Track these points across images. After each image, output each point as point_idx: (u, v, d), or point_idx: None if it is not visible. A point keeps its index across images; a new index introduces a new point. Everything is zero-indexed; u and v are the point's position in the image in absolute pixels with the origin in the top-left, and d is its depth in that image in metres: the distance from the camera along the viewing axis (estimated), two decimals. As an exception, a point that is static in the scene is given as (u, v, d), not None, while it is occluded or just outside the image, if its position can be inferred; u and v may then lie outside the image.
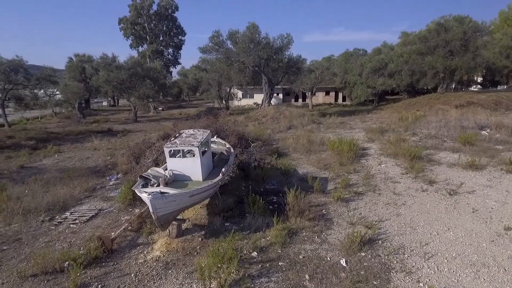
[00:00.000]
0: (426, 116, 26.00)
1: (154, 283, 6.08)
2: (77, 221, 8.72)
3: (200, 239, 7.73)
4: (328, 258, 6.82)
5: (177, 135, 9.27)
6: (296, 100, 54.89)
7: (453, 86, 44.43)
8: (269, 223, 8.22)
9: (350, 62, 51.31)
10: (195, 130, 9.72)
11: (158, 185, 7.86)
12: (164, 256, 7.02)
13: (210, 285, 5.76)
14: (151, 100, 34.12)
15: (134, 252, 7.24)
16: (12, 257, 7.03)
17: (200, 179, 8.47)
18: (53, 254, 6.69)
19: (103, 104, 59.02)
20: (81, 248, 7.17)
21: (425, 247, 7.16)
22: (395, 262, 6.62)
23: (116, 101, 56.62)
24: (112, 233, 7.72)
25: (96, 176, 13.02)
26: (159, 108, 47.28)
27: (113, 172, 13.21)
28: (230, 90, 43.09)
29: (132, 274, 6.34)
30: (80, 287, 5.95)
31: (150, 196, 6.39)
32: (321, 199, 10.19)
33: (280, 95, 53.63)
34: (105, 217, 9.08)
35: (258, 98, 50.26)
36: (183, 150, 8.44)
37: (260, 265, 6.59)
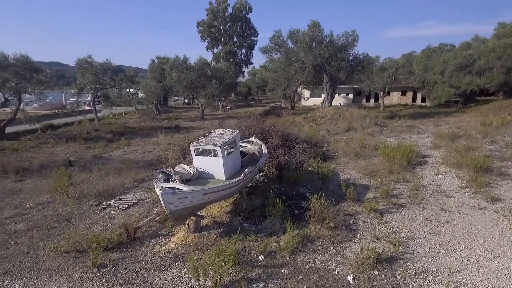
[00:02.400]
0: (517, 121, 22.16)
1: (159, 273, 6.48)
2: (117, 208, 9.73)
3: (215, 236, 7.94)
4: (336, 272, 6.39)
5: (207, 134, 9.64)
6: (368, 100, 51.82)
7: None
8: (286, 228, 8.02)
9: (432, 59, 46.38)
10: (225, 130, 9.97)
11: (187, 181, 8.34)
12: (177, 248, 7.41)
13: (205, 282, 5.91)
14: (217, 99, 35.80)
15: (153, 241, 7.80)
16: (58, 234, 8.20)
17: (223, 178, 8.67)
18: (85, 235, 7.60)
19: (180, 102, 63.96)
20: (109, 233, 7.99)
21: (455, 274, 6.19)
22: (410, 287, 5.89)
23: (191, 99, 60.80)
24: (139, 222, 8.44)
25: (149, 169, 14.29)
26: (228, 107, 49.36)
27: (163, 166, 14.32)
28: (296, 90, 42.79)
29: (143, 262, 6.86)
30: (98, 266, 6.66)
31: (162, 191, 6.81)
32: (354, 208, 9.54)
33: (350, 95, 51.29)
34: (141, 207, 9.95)
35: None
36: (207, 149, 8.75)
37: (262, 270, 6.51)
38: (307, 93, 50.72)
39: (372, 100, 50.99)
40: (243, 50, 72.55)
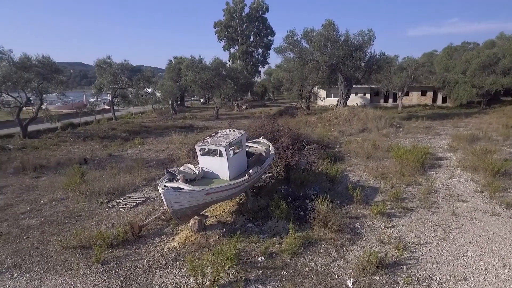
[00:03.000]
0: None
1: (159, 271, 6.58)
2: (126, 206, 9.94)
3: (217, 236, 7.99)
4: (336, 276, 6.29)
5: (213, 134, 9.70)
6: (386, 100, 50.72)
7: None
8: (289, 230, 7.96)
9: (454, 58, 44.88)
10: (231, 130, 9.99)
11: (191, 180, 8.44)
12: (179, 247, 7.50)
13: (203, 282, 5.95)
14: (232, 99, 35.95)
15: (157, 240, 7.92)
16: (67, 230, 8.45)
17: (228, 178, 8.70)
18: (92, 232, 7.81)
19: (196, 102, 64.64)
20: (115, 231, 8.16)
21: (460, 282, 5.97)
22: (412, 293, 5.72)
23: (207, 99, 61.35)
24: (144, 220, 8.59)
25: (160, 168, 14.51)
26: (243, 107, 49.50)
27: (174, 165, 14.52)
28: (311, 90, 42.39)
29: (146, 260, 6.97)
30: (102, 263, 6.83)
31: (164, 190, 6.91)
32: (361, 210, 9.37)
33: (368, 95, 50.40)
34: (149, 205, 10.12)
35: (343, 98, 48.25)
36: (212, 149, 8.80)
37: (261, 271, 6.49)
38: (323, 93, 50.17)
39: (390, 101, 49.88)
40: (260, 50, 72.55)
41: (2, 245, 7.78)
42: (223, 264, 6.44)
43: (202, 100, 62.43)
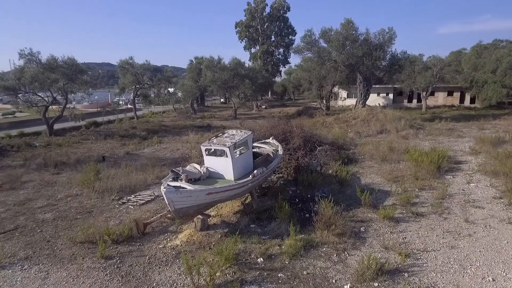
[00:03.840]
0: None
1: (159, 268, 6.72)
2: (135, 203, 10.22)
3: (219, 235, 8.05)
4: (334, 281, 6.19)
5: (220, 134, 9.78)
6: (410, 101, 49.15)
7: None
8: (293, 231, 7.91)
9: (483, 56, 42.84)
10: (238, 130, 10.03)
11: (195, 180, 8.58)
12: (181, 246, 7.63)
13: (199, 281, 6.03)
14: (250, 98, 36.04)
15: (161, 237, 8.09)
16: (78, 225, 8.78)
17: (232, 178, 8.75)
18: (99, 228, 8.10)
19: (217, 101, 65.29)
20: (121, 227, 8.41)
21: (464, 293, 5.71)
22: (410, 302, 5.53)
23: (227, 99, 61.90)
24: (150, 218, 8.80)
25: (173, 166, 14.76)
26: (262, 107, 49.53)
27: (186, 164, 14.74)
28: (331, 90, 41.77)
29: (147, 257, 7.15)
30: (106, 258, 7.07)
31: (165, 189, 7.06)
32: (369, 214, 9.15)
33: (391, 95, 49.03)
34: (157, 203, 10.35)
35: (365, 98, 47.23)
36: (217, 149, 8.88)
37: (258, 272, 6.49)
38: (344, 93, 49.33)
39: (414, 101, 48.29)
40: (281, 50, 72.25)
41: (17, 237, 8.22)
42: (221, 264, 6.51)
43: (222, 100, 62.98)
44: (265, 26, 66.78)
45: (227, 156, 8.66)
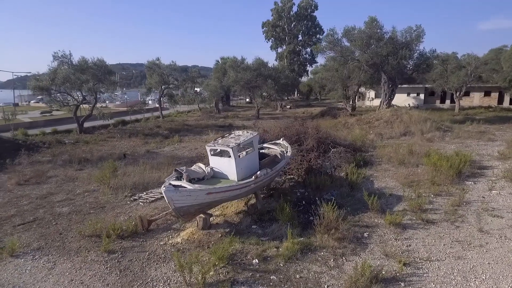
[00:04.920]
0: None
1: (156, 264, 6.93)
2: (146, 200, 10.58)
3: (220, 235, 8.15)
4: (326, 286, 6.08)
5: (226, 135, 9.89)
6: (443, 101, 46.88)
7: None
8: (292, 234, 7.85)
9: (526, 53, 39.82)
10: (244, 131, 10.09)
11: (199, 180, 8.76)
12: (182, 243, 7.81)
13: (190, 279, 6.15)
14: (273, 98, 35.96)
15: (163, 234, 8.33)
16: (90, 219, 9.23)
17: (235, 179, 8.83)
18: (106, 223, 8.48)
19: (242, 101, 65.80)
20: (127, 223, 8.74)
21: (462, 307, 5.40)
22: (402, 313, 5.32)
23: (252, 98, 62.21)
24: (156, 215, 9.07)
25: (188, 165, 15.09)
26: (287, 107, 49.31)
27: (202, 162, 15.02)
28: (357, 90, 40.76)
29: (147, 253, 7.39)
30: (109, 252, 7.39)
31: (165, 188, 7.26)
32: (375, 219, 8.87)
33: (422, 95, 47.05)
34: (166, 201, 10.62)
35: (394, 98, 45.63)
36: (221, 150, 8.99)
37: (251, 273, 6.50)
38: (372, 93, 47.95)
39: (447, 102, 45.99)
40: (308, 49, 71.50)
41: (34, 229, 8.79)
42: (216, 263, 6.61)
43: (248, 100, 63.39)
44: (292, 26, 66.43)
45: (230, 157, 8.75)
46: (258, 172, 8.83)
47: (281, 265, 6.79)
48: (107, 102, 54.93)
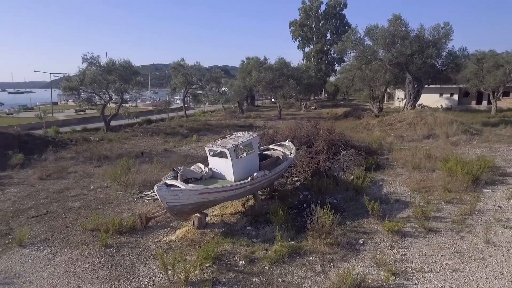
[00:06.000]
0: None
1: (146, 261, 7.16)
2: (151, 198, 10.93)
3: (213, 235, 8.26)
4: (306, 292, 5.99)
5: (227, 136, 9.99)
6: (479, 102, 44.18)
7: None
8: (282, 236, 7.79)
9: None
10: (244, 132, 10.13)
11: (196, 179, 8.96)
12: (175, 241, 8.00)
13: (173, 277, 6.31)
14: (294, 98, 35.60)
15: (160, 232, 8.57)
16: (96, 214, 9.70)
17: (232, 179, 8.91)
18: (107, 218, 8.87)
19: (267, 101, 65.72)
20: (126, 219, 9.07)
21: (445, 322, 5.10)
22: (379, 324, 5.12)
23: (274, 99, 61.94)
24: (155, 213, 9.36)
25: (206, 164, 15.40)
26: (312, 107, 48.68)
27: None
28: (385, 90, 39.41)
29: (140, 249, 7.65)
30: (106, 246, 7.74)
31: (157, 187, 7.48)
32: (375, 226, 8.58)
33: (455, 96, 44.63)
34: (170, 199, 10.91)
35: (425, 99, 43.63)
36: (218, 151, 9.09)
37: (235, 274, 6.55)
38: (401, 93, 46.09)
39: (484, 102, 43.29)
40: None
41: (45, 221, 9.38)
42: (200, 262, 6.73)
43: (273, 100, 63.29)
44: (320, 25, 65.34)
45: (227, 158, 8.84)
46: (255, 174, 8.84)
47: (267, 268, 6.76)
48: (138, 101, 57.20)
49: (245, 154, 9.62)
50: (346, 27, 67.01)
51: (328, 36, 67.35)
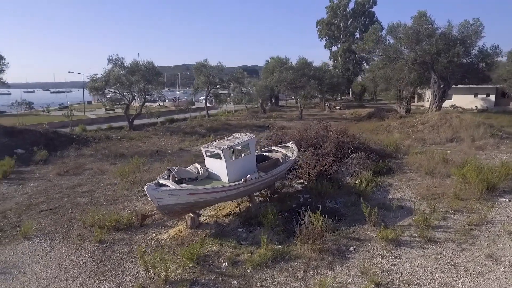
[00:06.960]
0: None
1: (134, 258, 7.35)
2: (154, 196, 11.19)
3: (204, 235, 8.32)
4: (282, 298, 5.87)
5: (225, 137, 10.02)
6: (518, 103, 41.07)
7: None
8: (272, 240, 7.70)
9: None
10: (243, 134, 10.10)
11: (191, 180, 9.07)
12: (166, 240, 8.16)
13: (154, 275, 6.43)
14: (322, 98, 34.96)
15: (154, 230, 8.77)
16: (99, 211, 10.11)
17: (227, 180, 8.93)
18: (107, 214, 9.20)
19: (292, 101, 65.15)
20: (123, 216, 9.34)
21: None
22: (348, 337, 4.91)
23: (296, 99, 61.20)
24: (153, 211, 9.58)
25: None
26: (336, 107, 47.65)
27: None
28: (413, 91, 37.75)
29: (131, 246, 7.87)
30: (100, 242, 8.04)
31: (147, 186, 7.65)
32: (371, 233, 8.25)
33: (492, 96, 41.80)
34: (172, 198, 11.12)
35: (458, 99, 41.38)
36: (215, 152, 9.14)
37: (215, 276, 6.56)
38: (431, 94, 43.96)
39: (526, 103, 40.19)
40: (366, 47, 67.95)
41: (53, 215, 9.91)
42: (184, 262, 6.81)
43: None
44: (348, 23, 63.80)
45: (221, 159, 8.87)
46: (248, 176, 8.80)
47: (248, 271, 6.71)
48: (166, 100, 58.94)
49: (243, 155, 9.61)
50: (376, 25, 65.10)
51: (357, 35, 65.61)
